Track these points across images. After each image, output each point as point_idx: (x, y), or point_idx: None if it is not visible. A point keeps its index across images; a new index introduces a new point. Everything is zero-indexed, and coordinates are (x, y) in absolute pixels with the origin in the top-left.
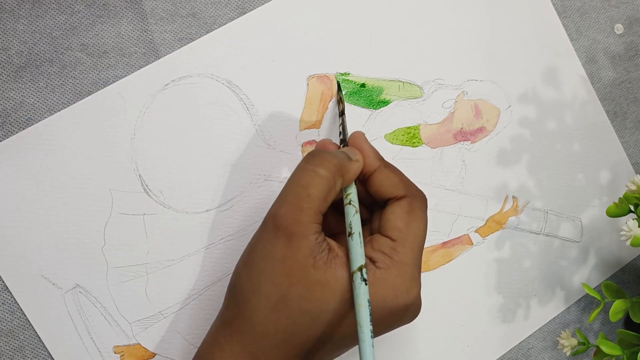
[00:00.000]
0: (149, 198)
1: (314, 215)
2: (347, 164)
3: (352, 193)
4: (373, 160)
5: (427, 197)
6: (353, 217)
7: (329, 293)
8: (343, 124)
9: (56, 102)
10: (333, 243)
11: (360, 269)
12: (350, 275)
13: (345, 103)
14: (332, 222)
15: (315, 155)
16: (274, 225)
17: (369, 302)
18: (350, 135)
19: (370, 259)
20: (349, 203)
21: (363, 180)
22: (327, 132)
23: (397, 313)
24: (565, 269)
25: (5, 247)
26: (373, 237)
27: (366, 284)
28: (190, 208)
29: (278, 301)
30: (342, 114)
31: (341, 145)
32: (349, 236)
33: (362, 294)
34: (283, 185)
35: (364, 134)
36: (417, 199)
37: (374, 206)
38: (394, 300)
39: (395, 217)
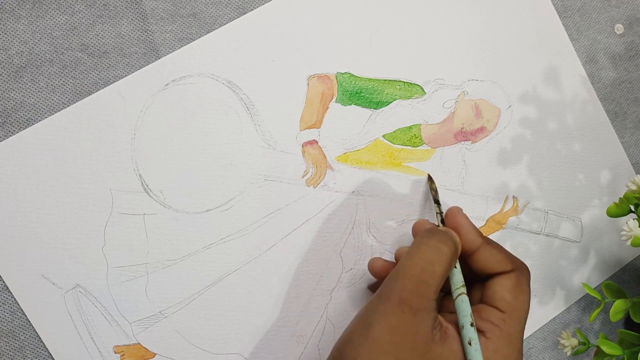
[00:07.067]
0: (149, 198)
1: (436, 292)
2: (457, 244)
3: (464, 284)
4: (475, 238)
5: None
6: (470, 306)
7: None
8: (440, 213)
9: (56, 102)
10: (441, 318)
11: None
12: None
13: (352, 106)
14: None
15: (436, 233)
16: (400, 298)
17: None
18: (448, 210)
19: (478, 329)
20: (466, 293)
21: (465, 257)
22: (327, 132)
23: None
24: (566, 269)
25: (5, 247)
26: (479, 306)
27: None
28: (190, 208)
29: None
30: (436, 202)
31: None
32: (471, 325)
33: None
34: (283, 185)
35: (462, 210)
36: (523, 272)
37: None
38: None
39: (503, 289)
